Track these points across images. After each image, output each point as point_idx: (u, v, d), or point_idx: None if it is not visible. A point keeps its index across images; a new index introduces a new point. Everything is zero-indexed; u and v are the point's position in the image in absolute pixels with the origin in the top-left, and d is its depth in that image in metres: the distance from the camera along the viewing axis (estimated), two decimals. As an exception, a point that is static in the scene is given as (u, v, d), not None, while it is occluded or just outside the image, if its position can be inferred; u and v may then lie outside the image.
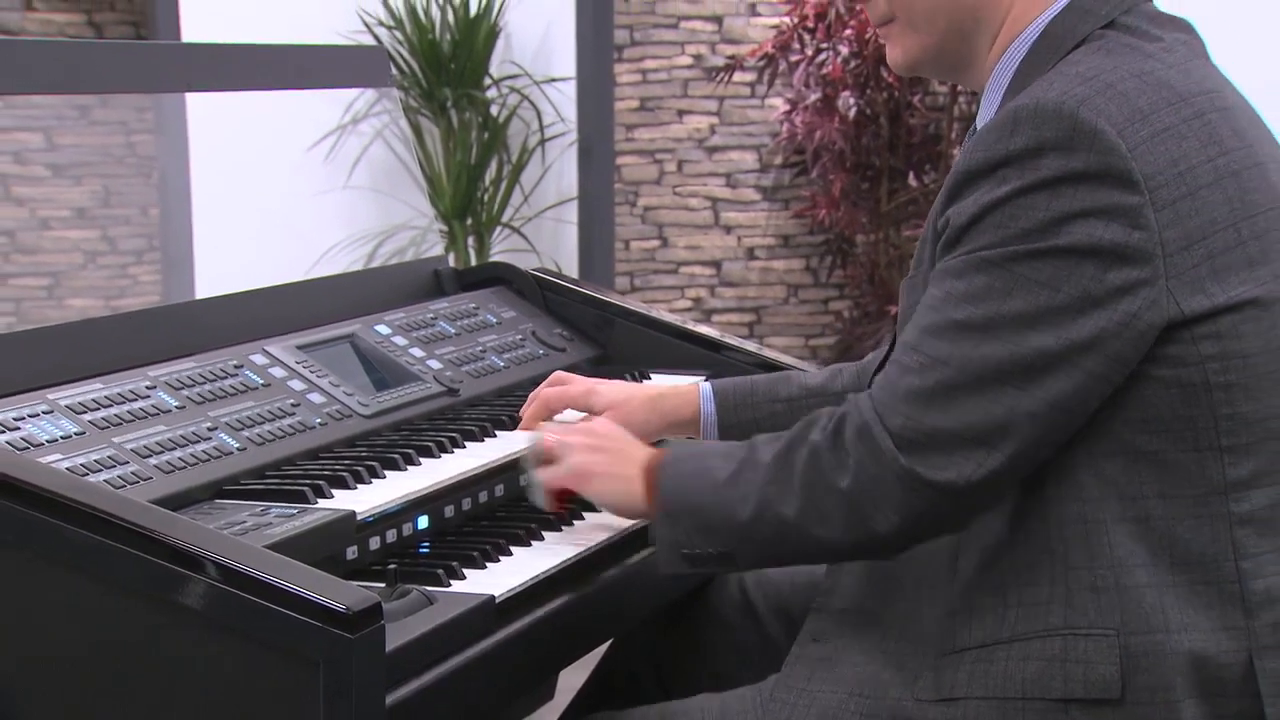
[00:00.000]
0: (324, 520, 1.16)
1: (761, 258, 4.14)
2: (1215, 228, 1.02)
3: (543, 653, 1.20)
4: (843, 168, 3.87)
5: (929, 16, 1.13)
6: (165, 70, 1.71)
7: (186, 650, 1.00)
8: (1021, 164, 1.01)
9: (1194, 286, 1.01)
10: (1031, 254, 1.01)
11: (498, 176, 3.56)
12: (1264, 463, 1.04)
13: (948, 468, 1.02)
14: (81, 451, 1.18)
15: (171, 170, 3.46)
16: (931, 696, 1.06)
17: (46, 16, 4.76)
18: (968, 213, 1.03)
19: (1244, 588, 1.03)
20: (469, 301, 1.72)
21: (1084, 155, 1.00)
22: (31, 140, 4.61)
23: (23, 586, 1.04)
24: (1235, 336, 1.02)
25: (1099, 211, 1.00)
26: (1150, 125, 1.02)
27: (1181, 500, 1.03)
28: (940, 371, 1.03)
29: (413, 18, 3.46)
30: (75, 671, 1.04)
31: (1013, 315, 1.01)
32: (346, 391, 1.44)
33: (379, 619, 0.97)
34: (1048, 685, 1.03)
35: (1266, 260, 1.04)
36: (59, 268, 4.64)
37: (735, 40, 4.04)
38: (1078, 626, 1.03)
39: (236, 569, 0.98)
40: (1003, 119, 1.03)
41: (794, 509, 1.07)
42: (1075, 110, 1.01)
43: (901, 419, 1.03)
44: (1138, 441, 1.03)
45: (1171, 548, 1.03)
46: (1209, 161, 1.03)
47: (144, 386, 1.30)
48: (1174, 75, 1.06)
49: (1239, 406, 1.03)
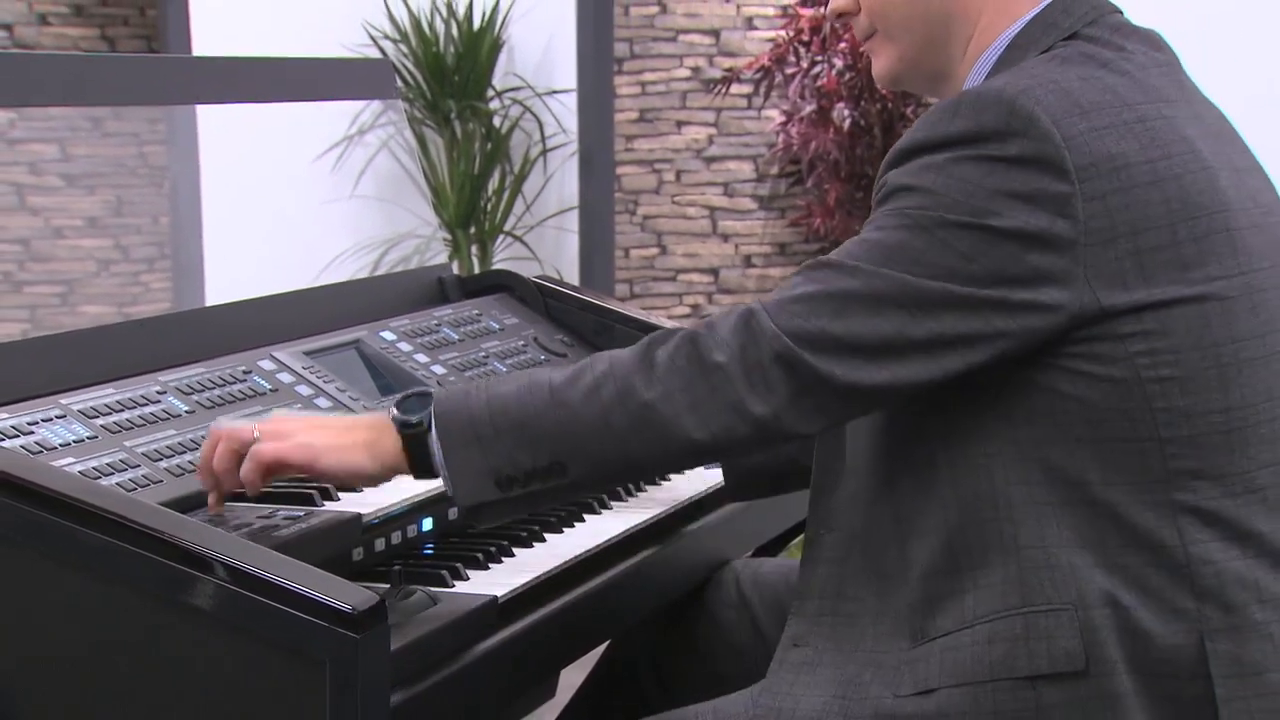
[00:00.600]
0: (330, 522, 1.16)
1: (758, 265, 4.14)
2: (1147, 225, 1.02)
3: (544, 652, 1.20)
4: (837, 177, 3.88)
5: (905, 26, 1.14)
6: (176, 83, 1.71)
7: (195, 649, 1.00)
8: (960, 144, 1.02)
9: (1114, 280, 1.01)
10: (955, 224, 1.01)
11: (500, 186, 3.56)
12: (1206, 456, 1.04)
13: (829, 363, 1.02)
14: (94, 455, 1.18)
15: (182, 180, 3.46)
16: (909, 690, 1.06)
17: (61, 31, 4.77)
18: (903, 178, 1.04)
19: (1193, 572, 1.03)
20: (472, 308, 1.72)
21: (1019, 141, 1.01)
22: (46, 151, 4.61)
23: (35, 586, 1.04)
24: (1163, 334, 1.02)
25: (1027, 196, 1.00)
26: (1089, 121, 1.02)
27: (1124, 487, 1.03)
28: (841, 281, 1.03)
29: (417, 31, 3.46)
30: (85, 670, 1.04)
31: (921, 266, 1.02)
32: (352, 396, 1.44)
33: (384, 619, 0.97)
34: (1014, 664, 1.03)
35: (1203, 263, 1.03)
36: (73, 275, 4.64)
37: (732, 53, 4.05)
38: (1036, 604, 1.03)
39: (244, 570, 0.98)
40: (947, 103, 1.05)
41: (658, 393, 1.03)
42: (1014, 98, 1.02)
43: (789, 316, 1.03)
44: (1076, 431, 1.03)
45: (1119, 531, 1.03)
46: (1148, 163, 1.03)
47: (155, 391, 1.30)
48: (1123, 82, 1.06)
49: (1175, 401, 1.03)
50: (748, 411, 1.03)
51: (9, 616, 1.06)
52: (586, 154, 3.61)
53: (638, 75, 4.04)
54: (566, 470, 1.06)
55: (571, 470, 1.06)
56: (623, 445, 1.05)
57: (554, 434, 1.06)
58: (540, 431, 1.06)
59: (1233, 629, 1.03)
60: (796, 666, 1.12)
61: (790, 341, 1.02)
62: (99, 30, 4.86)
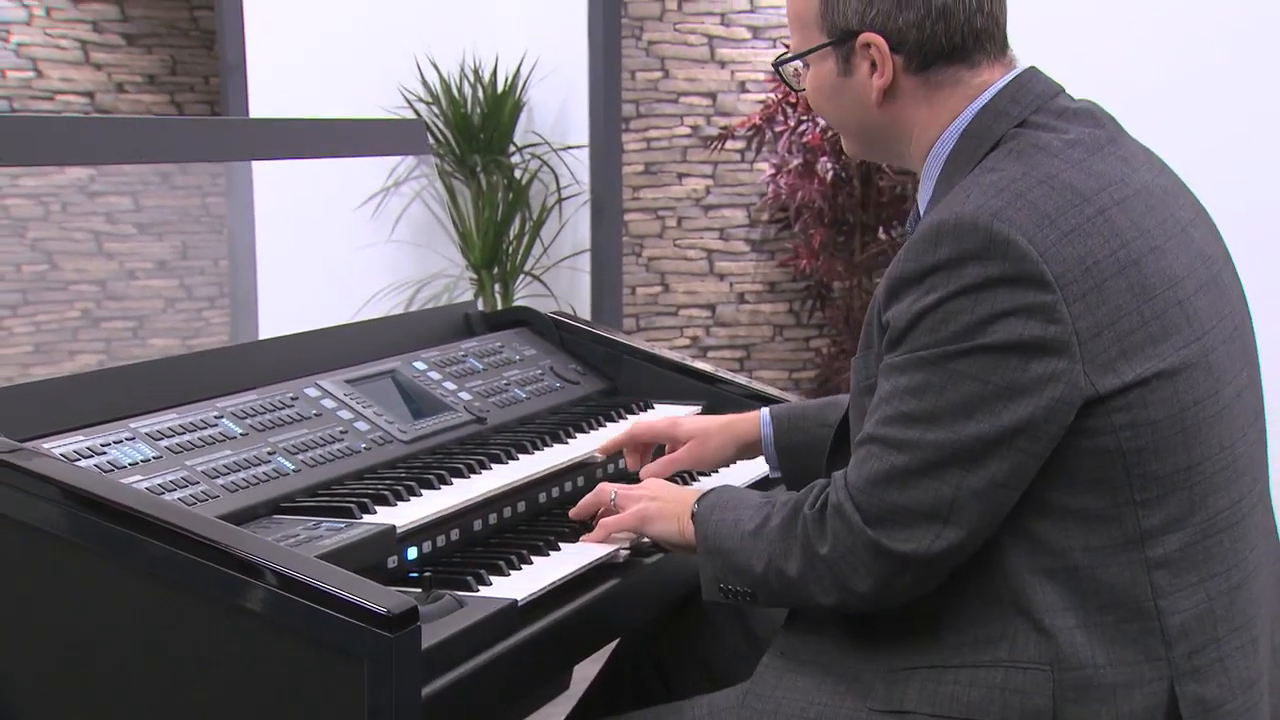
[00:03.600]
0: (368, 533, 1.16)
1: (751, 302, 4.14)
2: (1121, 313, 1.01)
3: (559, 649, 1.19)
4: (821, 223, 3.88)
5: (851, 132, 1.17)
6: (235, 142, 1.72)
7: (246, 647, 1.00)
8: (947, 272, 1.01)
9: (1106, 368, 1.00)
10: (962, 352, 1.00)
11: (520, 231, 3.57)
12: (1172, 510, 1.03)
13: (909, 540, 1.02)
14: (158, 473, 1.18)
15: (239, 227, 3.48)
16: (882, 708, 1.05)
17: (136, 98, 4.82)
18: (904, 317, 1.03)
19: (1163, 624, 1.02)
20: (495, 341, 1.72)
21: (1000, 263, 0.99)
22: (121, 203, 4.64)
23: (104, 590, 1.04)
24: (1143, 406, 1.01)
25: (1018, 310, 0.99)
26: (1058, 228, 1.01)
27: (1103, 551, 1.02)
28: (895, 457, 1.03)
29: (447, 94, 3.48)
30: (147, 664, 1.04)
31: (950, 406, 1.01)
32: (388, 420, 1.44)
33: (416, 620, 0.97)
34: (987, 710, 1.02)
35: (1166, 336, 1.03)
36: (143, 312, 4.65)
37: (727, 113, 4.07)
38: (1018, 661, 1.02)
39: (292, 576, 0.98)
40: (928, 232, 1.03)
41: (795, 569, 1.08)
42: (990, 223, 1.00)
43: (866, 498, 1.04)
44: (1063, 501, 1.02)
45: (1097, 593, 1.02)
46: (1111, 255, 1.02)
47: (213, 416, 1.30)
48: (1077, 175, 1.04)
49: (1149, 466, 1.02)
50: (853, 590, 1.06)
51: (81, 618, 1.06)
52: (597, 202, 3.62)
53: (643, 133, 4.05)
54: (757, 599, 1.14)
55: (760, 601, 1.14)
56: (780, 596, 1.12)
57: (742, 573, 1.13)
58: (735, 565, 1.14)
59: (1195, 670, 1.03)
60: (780, 673, 1.11)
61: (872, 532, 1.03)
62: (169, 96, 4.90)
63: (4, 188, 4.47)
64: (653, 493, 1.26)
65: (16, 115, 4.45)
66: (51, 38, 4.69)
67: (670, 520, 1.22)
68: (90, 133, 1.49)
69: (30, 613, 1.07)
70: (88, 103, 4.75)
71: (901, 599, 1.06)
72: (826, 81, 1.13)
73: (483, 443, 1.50)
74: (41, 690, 1.07)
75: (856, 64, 1.10)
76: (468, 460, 1.39)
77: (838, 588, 1.06)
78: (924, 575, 1.04)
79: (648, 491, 1.26)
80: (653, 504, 1.24)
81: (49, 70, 4.69)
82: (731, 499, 1.18)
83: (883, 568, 1.03)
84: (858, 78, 1.11)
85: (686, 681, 1.37)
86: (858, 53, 1.10)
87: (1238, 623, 1.05)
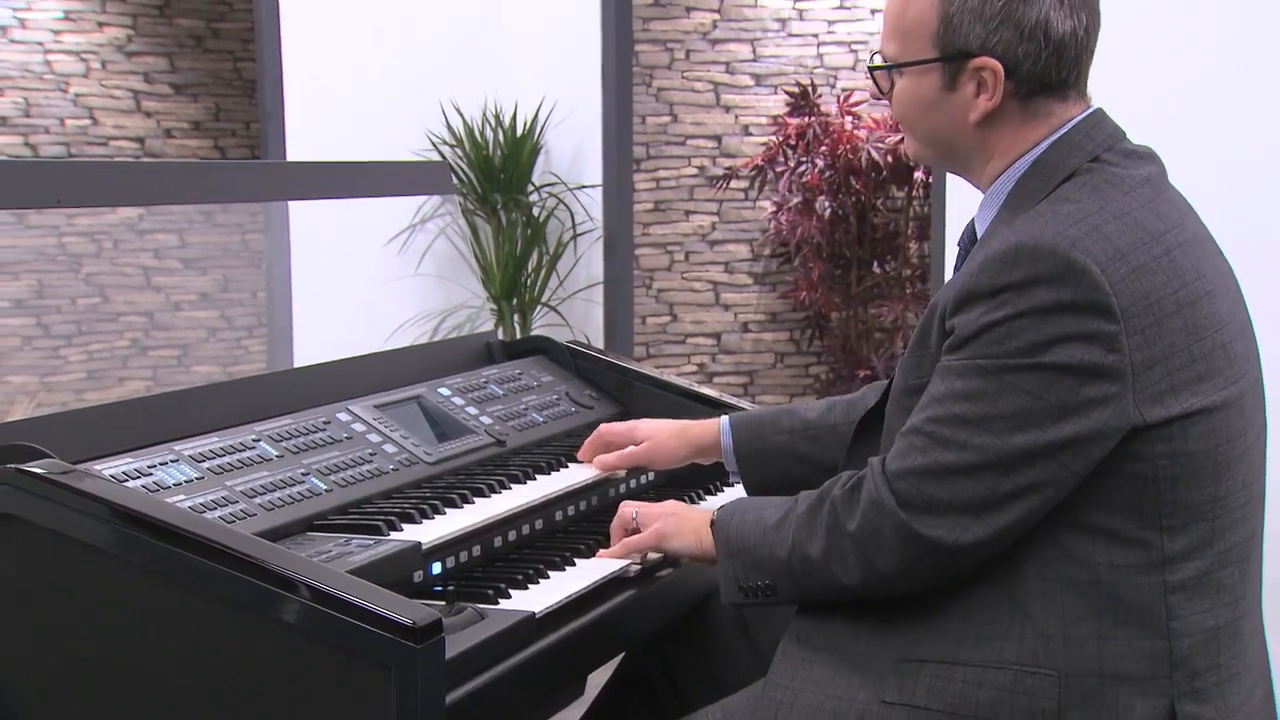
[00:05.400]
0: (395, 549, 1.16)
1: (754, 331, 4.14)
2: (1174, 350, 1.01)
3: (574, 659, 1.19)
4: (820, 258, 3.89)
5: (934, 144, 1.13)
6: (273, 183, 1.74)
7: (280, 656, 1.00)
8: (1019, 291, 1.00)
9: (1155, 400, 1.00)
10: (1022, 367, 1.00)
11: (538, 265, 3.58)
12: (1194, 540, 1.03)
13: (938, 527, 1.02)
14: (200, 493, 1.18)
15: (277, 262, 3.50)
16: (895, 700, 1.04)
17: (182, 143, 4.88)
18: (971, 327, 1.02)
19: (1171, 645, 1.01)
20: (514, 368, 1.72)
21: (1071, 289, 0.99)
22: (168, 240, 4.68)
23: (151, 603, 1.05)
24: (1184, 438, 1.01)
25: (1081, 336, 0.99)
26: (1128, 263, 1.01)
27: (1126, 569, 1.01)
28: (940, 454, 1.02)
29: (470, 138, 3.51)
30: (190, 673, 1.04)
31: (1002, 415, 1.00)
32: (414, 443, 1.44)
33: (440, 632, 0.97)
34: (997, 710, 1.01)
35: (1211, 376, 1.03)
36: (188, 341, 4.68)
37: (731, 155, 4.09)
38: (1026, 664, 1.01)
39: (324, 590, 0.98)
40: (1005, 252, 1.01)
41: (817, 550, 1.07)
42: (1068, 251, 0.99)
43: (904, 485, 1.03)
44: (1095, 519, 1.01)
45: (1115, 608, 1.01)
46: (1172, 294, 1.02)
47: (251, 439, 1.30)
48: (1146, 215, 1.04)
49: (1180, 495, 1.02)
50: (877, 569, 1.05)
51: (127, 627, 1.06)
52: (610, 238, 3.63)
53: (653, 173, 4.07)
54: (777, 591, 1.12)
55: (780, 593, 1.12)
56: (801, 583, 1.10)
57: (764, 565, 1.12)
58: (757, 560, 1.12)
59: (1195, 691, 1.02)
60: (797, 661, 1.10)
61: (905, 515, 1.03)
62: (213, 141, 4.96)
63: (61, 227, 4.51)
64: (671, 509, 1.26)
65: (75, 160, 4.51)
66: (106, 88, 4.75)
67: (688, 535, 1.22)
68: (140, 176, 1.51)
69: (79, 623, 1.07)
70: (138, 148, 4.80)
71: (923, 583, 1.04)
72: (926, 94, 1.10)
73: (502, 464, 1.50)
74: (88, 692, 1.08)
75: (963, 83, 1.08)
76: (488, 480, 1.39)
77: (861, 566, 1.05)
78: (947, 563, 1.03)
79: (666, 509, 1.27)
80: (671, 520, 1.24)
81: (104, 118, 4.75)
82: (752, 503, 1.17)
83: (909, 550, 1.02)
84: (960, 96, 1.08)
85: (694, 688, 1.36)
86: (967, 73, 1.08)
87: (1236, 651, 1.05)
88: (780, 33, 4.10)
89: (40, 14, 4.61)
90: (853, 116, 3.88)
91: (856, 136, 3.80)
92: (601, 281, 3.68)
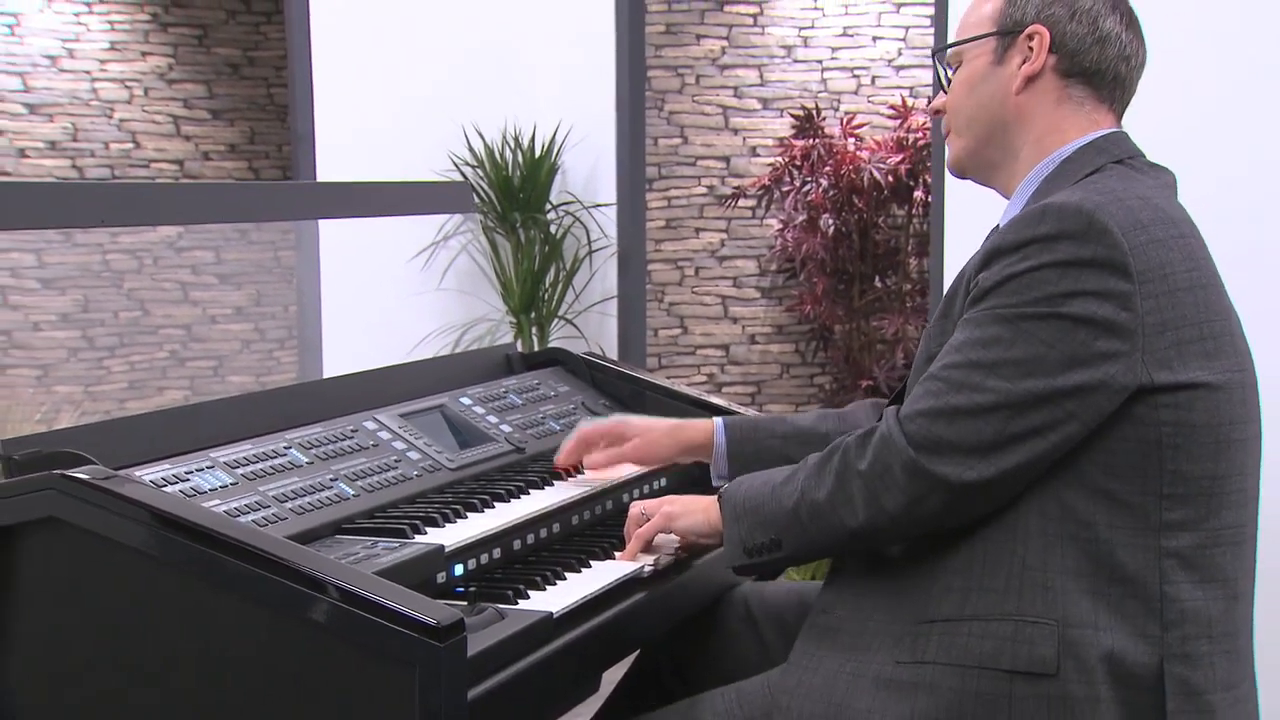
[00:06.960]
0: (419, 552, 1.16)
1: (761, 343, 4.14)
2: (1185, 321, 1.03)
3: (590, 657, 1.19)
4: (824, 273, 3.88)
5: (970, 121, 1.17)
6: (304, 202, 1.75)
7: (310, 654, 1.00)
8: (1043, 245, 1.02)
9: (1162, 363, 1.02)
10: (1038, 315, 1.01)
11: (555, 280, 3.59)
12: (1193, 512, 1.03)
13: (945, 465, 1.02)
14: (234, 498, 1.19)
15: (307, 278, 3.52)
16: (908, 659, 1.04)
17: (219, 164, 4.92)
18: (993, 279, 1.04)
19: (1163, 606, 1.02)
20: (533, 379, 1.72)
21: (1093, 246, 1.01)
22: (205, 257, 4.72)
23: (188, 603, 1.05)
24: (1188, 408, 1.02)
25: (1098, 292, 1.01)
26: (1147, 234, 1.03)
27: (1124, 530, 1.02)
28: (951, 396, 1.03)
29: (490, 159, 3.52)
30: (223, 669, 1.04)
31: (1014, 360, 1.02)
32: (437, 450, 1.45)
33: (462, 631, 0.97)
34: (998, 658, 1.02)
35: (1218, 355, 1.04)
36: (223, 353, 4.71)
37: (740, 175, 4.09)
38: (1026, 615, 1.02)
39: (352, 590, 0.98)
40: (1034, 211, 1.04)
41: (824, 494, 1.08)
42: (1093, 211, 1.02)
43: (915, 425, 1.04)
44: (1098, 481, 1.02)
45: (1111, 567, 1.02)
46: (1186, 272, 1.04)
47: (282, 446, 1.31)
48: (1165, 204, 1.08)
49: (1181, 465, 1.02)
50: (883, 508, 1.05)
51: (164, 626, 1.06)
52: (624, 254, 3.64)
53: (665, 192, 4.08)
54: (781, 546, 1.12)
55: (785, 546, 1.12)
56: (806, 531, 1.10)
57: (771, 520, 1.12)
58: (764, 517, 1.12)
59: (1185, 655, 1.02)
60: (822, 631, 1.11)
61: (914, 452, 1.03)
62: (247, 163, 5.00)
63: (105, 244, 4.55)
64: (674, 497, 1.28)
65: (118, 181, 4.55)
66: (148, 114, 4.80)
67: (697, 514, 1.23)
68: (179, 196, 1.52)
69: (119, 622, 1.08)
70: (178, 170, 4.84)
71: (926, 525, 1.05)
72: (976, 71, 1.15)
73: (521, 470, 1.50)
74: (125, 688, 1.08)
75: (1010, 56, 1.13)
76: (508, 486, 1.39)
77: (867, 504, 1.05)
78: (951, 503, 1.03)
79: (669, 497, 1.28)
80: (678, 501, 1.26)
81: (145, 142, 4.80)
82: (759, 473, 1.18)
83: (915, 488, 1.03)
84: (1007, 69, 1.14)
85: (705, 683, 1.35)
86: (1017, 45, 1.13)
87: (1228, 629, 1.05)
88: (786, 59, 4.11)
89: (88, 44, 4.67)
90: (855, 138, 3.88)
91: (859, 157, 3.80)
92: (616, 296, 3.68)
